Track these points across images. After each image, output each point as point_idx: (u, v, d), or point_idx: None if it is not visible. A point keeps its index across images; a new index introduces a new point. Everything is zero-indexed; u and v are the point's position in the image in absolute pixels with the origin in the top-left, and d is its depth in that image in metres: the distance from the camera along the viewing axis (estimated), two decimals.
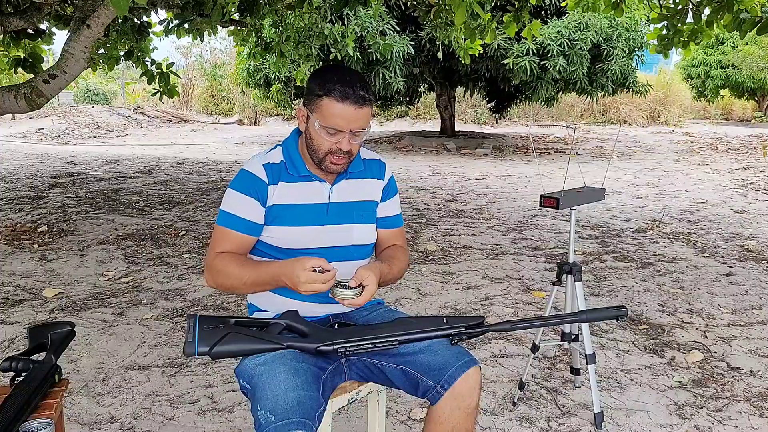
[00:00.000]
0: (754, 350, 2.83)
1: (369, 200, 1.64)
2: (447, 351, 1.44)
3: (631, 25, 10.36)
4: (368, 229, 1.63)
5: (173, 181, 7.77)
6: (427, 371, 1.42)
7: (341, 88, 1.43)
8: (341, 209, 1.58)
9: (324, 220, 1.56)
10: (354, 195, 1.61)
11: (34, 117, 15.41)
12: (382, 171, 1.68)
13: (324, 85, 1.45)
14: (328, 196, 1.57)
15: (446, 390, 1.39)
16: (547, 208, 2.19)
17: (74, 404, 2.28)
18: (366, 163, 1.65)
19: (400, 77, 9.96)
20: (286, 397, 1.28)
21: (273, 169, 1.55)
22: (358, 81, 1.46)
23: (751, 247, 4.67)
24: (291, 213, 1.54)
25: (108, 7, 3.99)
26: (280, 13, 6.00)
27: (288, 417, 1.25)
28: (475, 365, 1.42)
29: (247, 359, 1.44)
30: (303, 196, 1.55)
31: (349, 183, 1.60)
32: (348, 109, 1.44)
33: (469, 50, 5.86)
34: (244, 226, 1.52)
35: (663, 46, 5.19)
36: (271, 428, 1.24)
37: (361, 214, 1.61)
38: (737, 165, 9.79)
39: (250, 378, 1.39)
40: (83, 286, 3.65)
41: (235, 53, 16.03)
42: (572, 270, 2.20)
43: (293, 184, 1.55)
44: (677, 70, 21.34)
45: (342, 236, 1.57)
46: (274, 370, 1.35)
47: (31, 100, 4.27)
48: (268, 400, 1.29)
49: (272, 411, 1.26)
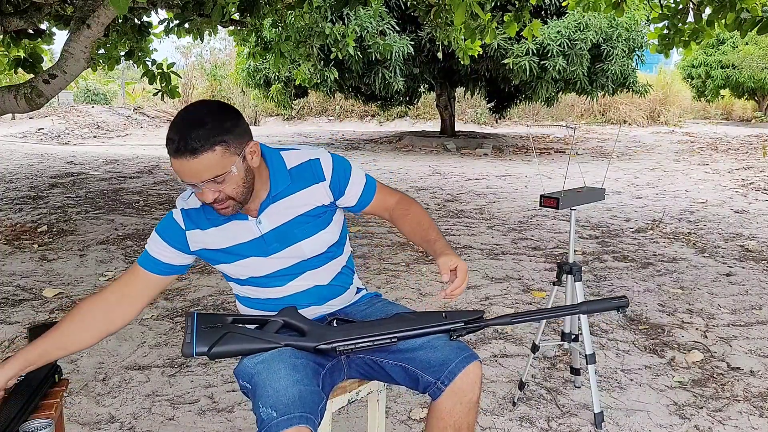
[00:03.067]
0: (754, 350, 2.83)
1: (311, 209, 1.51)
2: (447, 347, 1.43)
3: (631, 25, 10.35)
4: (320, 237, 1.53)
5: (173, 181, 7.77)
6: (427, 368, 1.42)
7: (171, 140, 1.31)
8: (279, 234, 1.49)
9: (266, 251, 1.49)
10: (288, 214, 1.49)
11: (34, 117, 15.41)
12: (319, 173, 1.52)
13: (167, 138, 1.34)
14: (259, 228, 1.48)
15: (447, 386, 1.39)
16: (547, 208, 2.19)
17: (74, 404, 2.28)
18: (293, 173, 1.51)
19: (400, 77, 9.96)
20: (287, 393, 1.28)
21: (191, 215, 1.50)
22: (190, 127, 1.30)
23: (751, 247, 4.67)
24: (229, 254, 1.50)
25: (108, 7, 3.99)
26: (280, 12, 6.00)
27: (290, 412, 1.25)
28: (475, 360, 1.42)
29: (245, 359, 1.44)
30: (232, 238, 1.49)
31: (277, 206, 1.48)
32: (182, 163, 1.31)
33: (469, 51, 5.87)
34: (154, 265, 1.51)
35: (664, 45, 5.19)
36: (273, 424, 1.23)
37: (305, 229, 1.50)
38: (737, 165, 9.79)
39: (250, 377, 1.39)
40: (83, 286, 3.65)
41: (235, 53, 16.03)
42: (572, 270, 2.19)
43: (218, 228, 1.49)
44: (677, 70, 21.33)
45: (294, 255, 1.52)
46: (273, 367, 1.35)
47: (31, 100, 4.27)
48: (269, 397, 1.29)
49: (274, 407, 1.26)
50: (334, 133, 15.63)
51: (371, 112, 18.69)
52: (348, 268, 1.65)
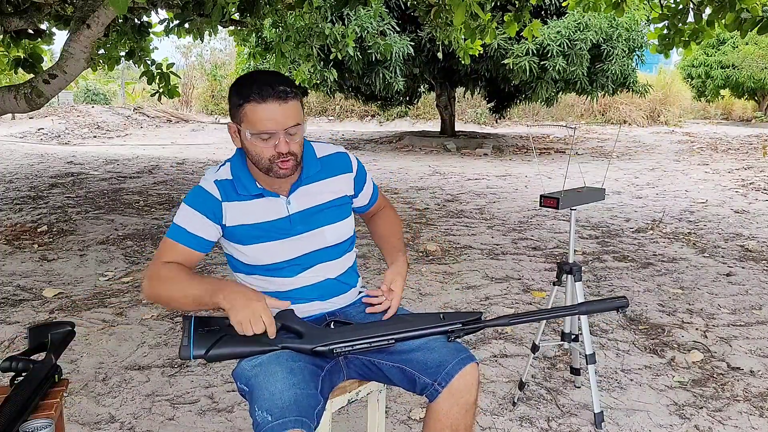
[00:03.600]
0: (754, 350, 2.83)
1: (337, 197, 1.57)
2: (444, 348, 1.44)
3: (631, 25, 10.36)
4: (342, 226, 1.57)
5: (173, 181, 7.78)
6: (423, 369, 1.42)
7: (258, 89, 1.35)
8: (306, 217, 1.52)
9: (290, 232, 1.50)
10: (316, 199, 1.53)
11: (34, 117, 15.41)
12: (347, 164, 1.60)
13: (241, 92, 1.37)
14: (287, 209, 1.50)
15: (444, 387, 1.39)
16: (547, 208, 2.19)
17: (74, 404, 2.28)
18: (323, 161, 1.57)
19: (400, 77, 9.96)
20: (283, 396, 1.28)
21: (225, 186, 1.49)
22: (275, 77, 1.38)
23: (751, 247, 4.67)
24: (254, 232, 1.49)
25: (108, 7, 3.99)
26: (280, 13, 6.01)
27: (285, 416, 1.25)
28: (472, 362, 1.42)
29: (243, 361, 1.44)
30: (261, 215, 1.49)
31: (306, 189, 1.52)
32: (271, 107, 1.35)
33: (469, 50, 5.87)
34: (194, 241, 1.48)
35: (664, 45, 5.19)
36: (268, 428, 1.24)
37: (328, 216, 1.54)
38: (737, 165, 9.79)
39: (247, 380, 1.39)
40: (83, 286, 3.65)
41: (235, 53, 16.03)
42: (572, 270, 2.19)
43: (247, 203, 1.49)
44: (677, 70, 21.35)
45: (315, 241, 1.53)
46: (270, 370, 1.35)
47: (31, 100, 4.27)
48: (265, 400, 1.29)
49: (269, 411, 1.26)
50: (334, 133, 15.63)
51: (371, 112, 18.70)
52: (353, 269, 1.66)
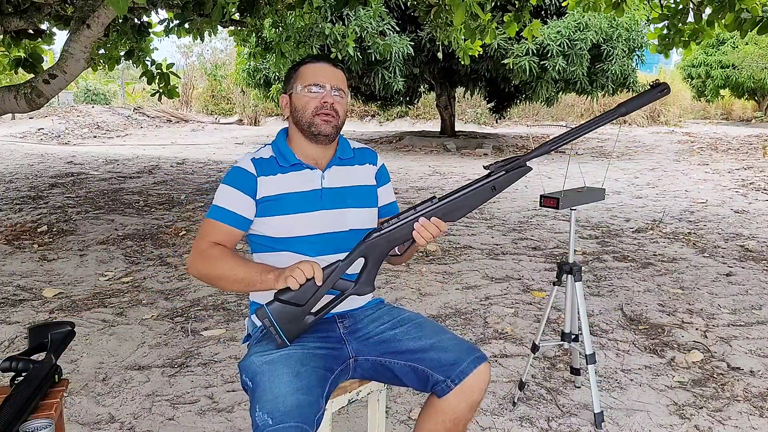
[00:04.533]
0: (754, 350, 2.83)
1: (363, 185, 1.65)
2: (457, 347, 1.47)
3: (631, 25, 10.36)
4: (364, 214, 1.62)
5: (173, 181, 7.78)
6: (437, 367, 1.44)
7: (314, 57, 1.61)
8: (335, 194, 1.59)
9: (318, 205, 1.56)
10: (346, 180, 1.62)
11: (34, 117, 15.42)
12: (373, 157, 1.72)
13: (297, 64, 1.61)
14: (321, 182, 1.58)
15: (456, 385, 1.42)
16: (547, 208, 2.19)
17: (74, 404, 2.28)
18: (356, 151, 1.69)
19: (399, 77, 9.96)
20: (285, 401, 1.28)
21: (262, 164, 1.57)
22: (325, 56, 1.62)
23: (751, 247, 4.67)
24: (285, 202, 1.55)
25: (108, 7, 3.99)
26: (280, 13, 6.01)
27: (285, 421, 1.25)
28: (485, 361, 1.45)
29: (254, 354, 1.45)
30: (295, 185, 1.56)
31: (339, 169, 1.62)
32: (324, 66, 1.57)
33: (469, 51, 5.87)
34: (234, 219, 1.54)
35: (664, 45, 5.20)
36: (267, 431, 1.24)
37: (354, 199, 1.61)
38: (737, 165, 9.79)
39: (253, 375, 1.40)
40: (83, 286, 3.65)
41: (235, 53, 16.03)
42: (572, 270, 2.19)
43: (285, 175, 1.57)
44: (677, 70, 21.35)
45: (337, 221, 1.57)
46: (277, 371, 1.36)
47: (31, 100, 4.28)
48: (268, 402, 1.29)
49: (270, 413, 1.27)
50: None
51: (371, 112, 18.70)
52: None
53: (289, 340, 1.42)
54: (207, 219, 1.56)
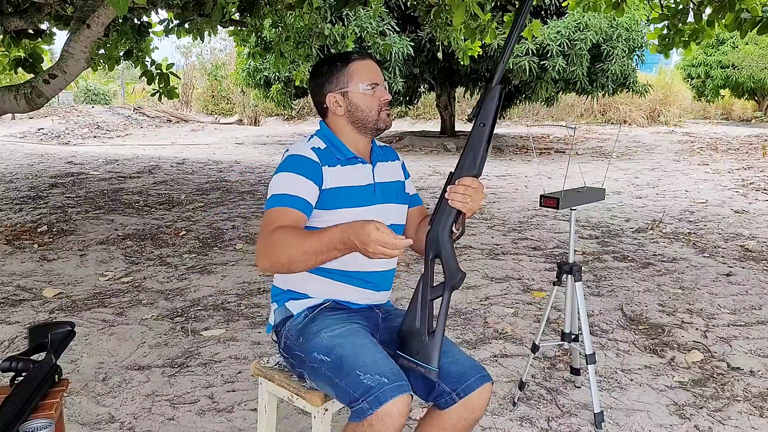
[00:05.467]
0: (754, 350, 2.83)
1: (400, 180, 1.70)
2: (467, 362, 1.48)
3: (631, 25, 10.35)
4: (402, 209, 1.67)
5: (173, 181, 7.77)
6: (446, 377, 1.44)
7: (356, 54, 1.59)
8: (384, 189, 1.62)
9: (371, 200, 1.58)
10: (390, 175, 1.66)
11: (34, 117, 15.42)
12: (395, 154, 1.76)
13: (339, 59, 1.57)
14: (373, 176, 1.61)
15: (460, 398, 1.42)
16: (547, 208, 2.19)
17: (74, 404, 2.28)
18: (381, 149, 1.72)
19: (399, 78, 9.95)
20: (387, 363, 1.32)
21: (321, 154, 1.54)
22: None
23: (751, 247, 4.67)
24: (345, 195, 1.54)
25: (108, 7, 3.99)
26: (280, 13, 6.00)
27: (399, 379, 1.28)
28: (490, 381, 1.47)
29: (323, 332, 1.44)
30: (353, 179, 1.57)
31: (383, 165, 1.66)
32: (372, 63, 1.59)
33: (469, 51, 5.86)
34: (301, 204, 1.45)
35: (664, 46, 5.19)
36: (387, 389, 1.26)
37: (396, 194, 1.65)
38: (737, 165, 9.79)
39: (330, 350, 1.39)
40: (83, 286, 3.65)
41: (235, 53, 16.03)
42: (572, 270, 2.19)
43: (342, 168, 1.56)
44: (677, 70, 21.33)
45: (384, 215, 1.58)
46: (358, 341, 1.38)
47: (31, 100, 4.27)
48: (371, 365, 1.30)
49: (380, 374, 1.28)
50: None
51: None
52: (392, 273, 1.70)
53: (436, 366, 1.39)
54: (269, 210, 1.45)
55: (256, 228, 5.12)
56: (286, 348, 1.55)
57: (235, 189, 7.15)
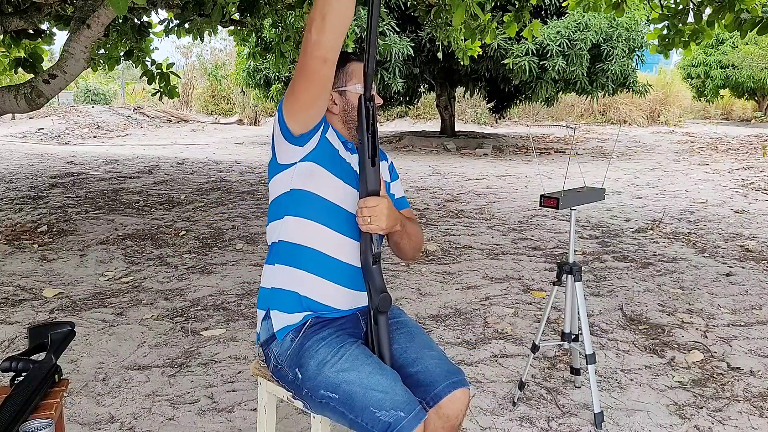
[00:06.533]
0: (754, 350, 2.83)
1: (386, 181, 1.69)
2: (437, 368, 1.42)
3: (631, 25, 10.36)
4: None
5: (173, 181, 7.77)
6: (416, 386, 1.40)
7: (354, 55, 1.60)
8: None
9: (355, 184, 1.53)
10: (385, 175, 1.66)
11: (34, 117, 15.42)
12: (385, 154, 1.74)
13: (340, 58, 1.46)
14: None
15: (431, 407, 1.38)
16: (547, 208, 2.19)
17: (74, 404, 2.28)
18: None
19: (399, 78, 9.96)
20: (397, 391, 1.30)
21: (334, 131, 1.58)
22: None
23: (751, 247, 4.67)
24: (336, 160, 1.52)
25: (108, 7, 3.99)
26: (280, 13, 6.00)
27: (413, 408, 1.26)
28: (463, 387, 1.40)
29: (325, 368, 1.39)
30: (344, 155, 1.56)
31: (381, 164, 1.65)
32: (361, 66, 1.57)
33: (469, 51, 5.86)
34: None
35: (664, 46, 5.20)
36: (405, 424, 1.24)
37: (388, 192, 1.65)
38: (737, 165, 9.79)
39: (336, 387, 1.35)
40: (83, 286, 3.65)
41: (235, 53, 16.03)
42: (572, 270, 2.19)
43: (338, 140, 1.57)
44: (677, 70, 21.33)
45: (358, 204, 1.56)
46: (362, 370, 1.34)
47: (31, 100, 4.28)
48: (384, 400, 1.27)
49: (395, 407, 1.26)
50: None
51: None
52: None
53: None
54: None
55: (257, 228, 5.13)
56: (277, 372, 1.51)
57: (235, 189, 7.16)
